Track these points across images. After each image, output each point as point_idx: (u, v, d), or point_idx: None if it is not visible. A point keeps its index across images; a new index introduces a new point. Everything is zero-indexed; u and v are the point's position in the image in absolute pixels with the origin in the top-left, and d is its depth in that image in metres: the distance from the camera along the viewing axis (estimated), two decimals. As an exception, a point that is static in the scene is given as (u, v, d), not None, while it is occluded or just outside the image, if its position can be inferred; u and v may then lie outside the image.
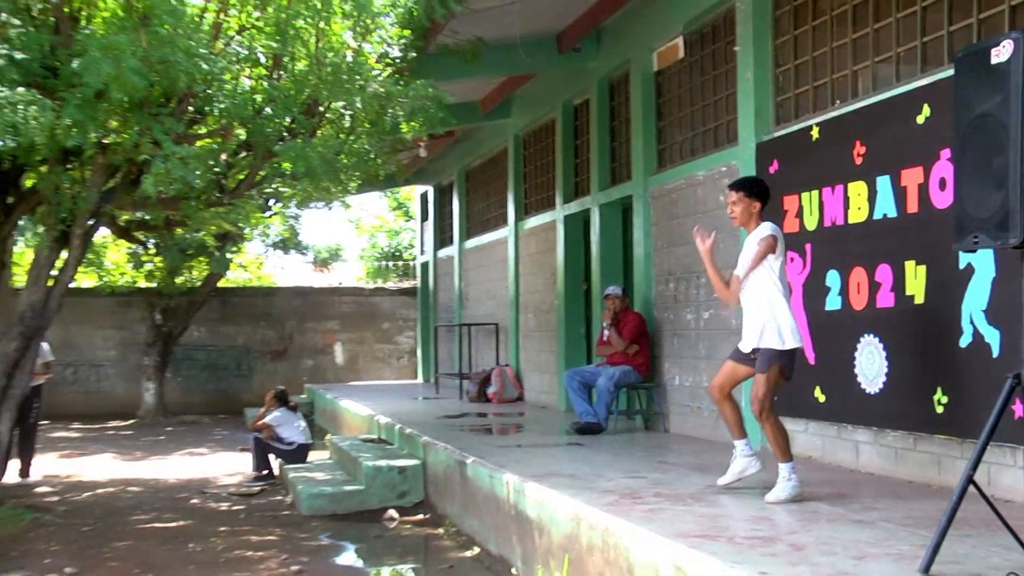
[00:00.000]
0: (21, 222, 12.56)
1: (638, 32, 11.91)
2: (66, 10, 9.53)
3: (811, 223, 8.74)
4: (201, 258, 21.64)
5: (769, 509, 6.78)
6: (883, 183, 7.82)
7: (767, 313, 7.04)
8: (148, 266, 22.55)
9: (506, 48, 12.81)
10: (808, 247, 8.77)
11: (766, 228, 7.16)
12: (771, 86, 9.63)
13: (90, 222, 11.31)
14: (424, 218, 24.88)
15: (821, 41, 8.99)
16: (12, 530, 10.31)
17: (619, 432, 11.40)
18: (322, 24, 10.25)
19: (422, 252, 25.24)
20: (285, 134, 10.43)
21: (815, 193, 8.67)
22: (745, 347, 7.26)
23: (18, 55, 8.82)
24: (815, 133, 8.69)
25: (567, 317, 14.48)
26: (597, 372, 11.51)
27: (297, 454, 13.71)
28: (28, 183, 11.48)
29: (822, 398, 8.63)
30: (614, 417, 11.60)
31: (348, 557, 9.50)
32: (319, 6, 10.05)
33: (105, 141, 10.07)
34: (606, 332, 11.62)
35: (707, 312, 10.46)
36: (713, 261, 7.42)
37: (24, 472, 13.72)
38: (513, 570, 8.14)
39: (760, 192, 7.37)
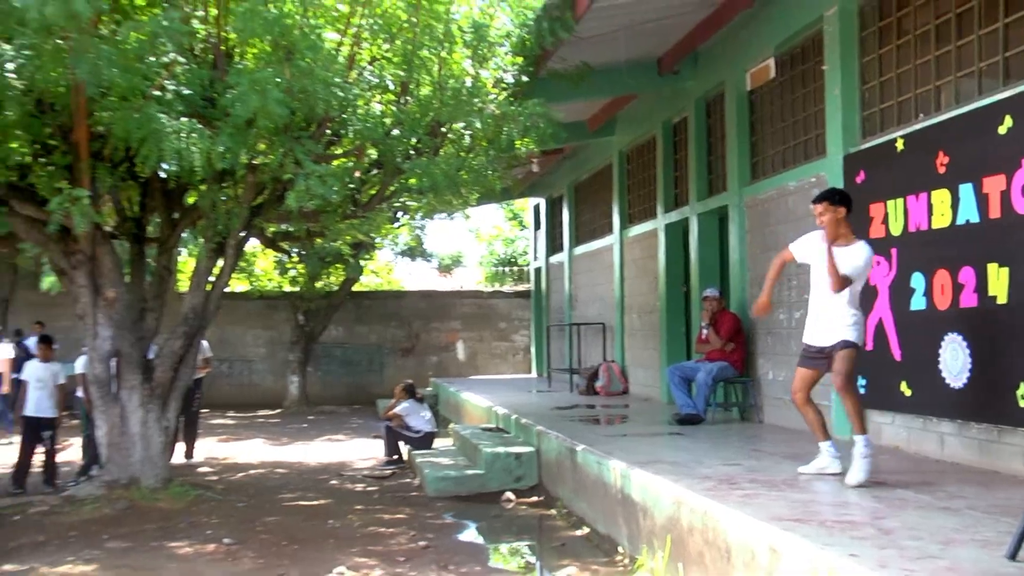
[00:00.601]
0: (184, 234, 12.86)
1: (732, 55, 11.86)
2: (223, 48, 9.81)
3: (896, 229, 8.61)
4: (338, 265, 21.83)
5: (858, 495, 6.69)
6: (966, 190, 7.67)
7: (847, 318, 7.11)
8: (292, 272, 22.87)
9: (610, 72, 12.81)
10: (894, 251, 8.62)
11: (866, 252, 7.23)
12: (858, 102, 9.50)
13: (242, 234, 11.56)
14: (537, 227, 24.84)
15: (905, 58, 8.86)
16: (179, 505, 10.52)
17: (716, 423, 11.30)
18: (444, 53, 10.36)
19: (535, 258, 25.19)
20: (412, 153, 10.51)
21: (900, 201, 8.54)
22: (814, 342, 7.27)
23: (183, 90, 9.13)
24: (900, 145, 8.56)
25: (668, 317, 14.41)
26: (696, 367, 11.46)
27: (424, 441, 13.80)
28: (190, 200, 11.79)
29: (908, 392, 8.46)
30: (712, 409, 11.51)
31: (470, 534, 9.51)
32: (442, 37, 10.19)
33: (254, 162, 10.33)
34: (704, 331, 11.58)
35: (798, 312, 10.36)
36: (779, 275, 7.51)
37: (189, 454, 14.13)
38: (620, 549, 8.11)
39: (842, 198, 7.35)
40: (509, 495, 10.90)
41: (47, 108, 9.69)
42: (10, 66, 8.60)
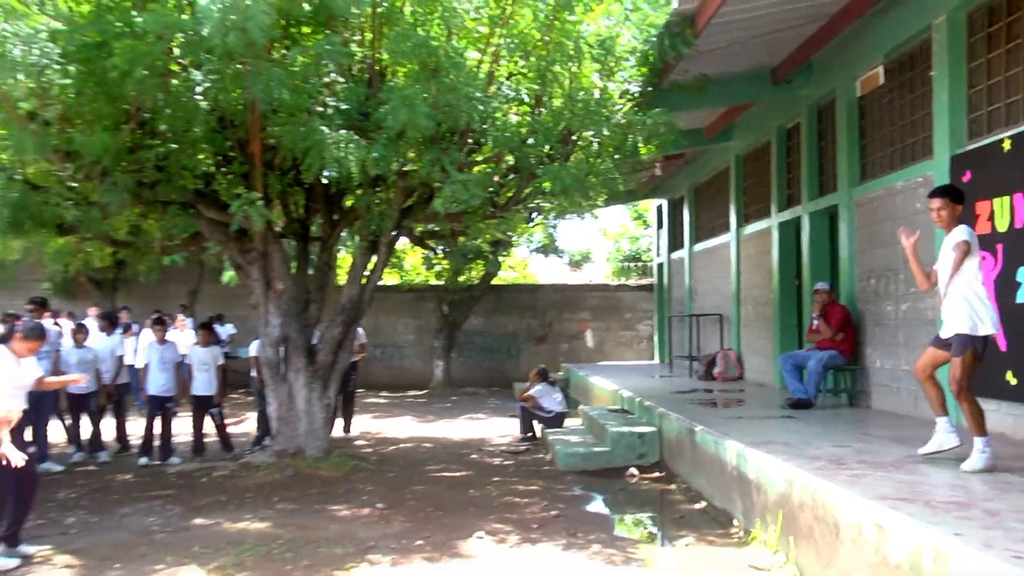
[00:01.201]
0: (343, 234, 13.15)
1: (843, 64, 11.65)
2: (377, 68, 10.00)
3: (1002, 225, 8.37)
4: (479, 261, 21.97)
5: (964, 478, 6.52)
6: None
7: (963, 305, 6.87)
8: (437, 268, 23.07)
9: (728, 82, 12.69)
10: (999, 247, 8.38)
11: (962, 232, 6.94)
12: (965, 105, 9.23)
13: (393, 233, 11.72)
14: (659, 226, 24.68)
15: (1013, 63, 8.58)
16: (338, 473, 10.81)
17: (826, 407, 11.12)
18: (574, 68, 10.35)
19: (658, 254, 25.01)
20: (545, 159, 10.50)
21: (1006, 199, 8.30)
22: (944, 334, 7.12)
23: (342, 106, 9.39)
24: (1007, 145, 8.32)
25: (781, 309, 14.24)
26: (808, 355, 11.31)
27: (555, 421, 13.85)
28: (348, 203, 12.07)
29: (1014, 381, 8.23)
30: (822, 394, 11.35)
31: (597, 505, 9.50)
32: (572, 54, 10.18)
33: (404, 169, 10.48)
34: (815, 321, 11.43)
35: (905, 304, 10.18)
36: (916, 255, 7.31)
37: (346, 429, 14.43)
38: (735, 522, 8.08)
39: (960, 196, 7.20)
40: (633, 470, 10.90)
41: (227, 124, 10.05)
42: (198, 89, 8.99)
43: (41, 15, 8.15)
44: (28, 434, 9.89)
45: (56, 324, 14.04)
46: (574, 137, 10.81)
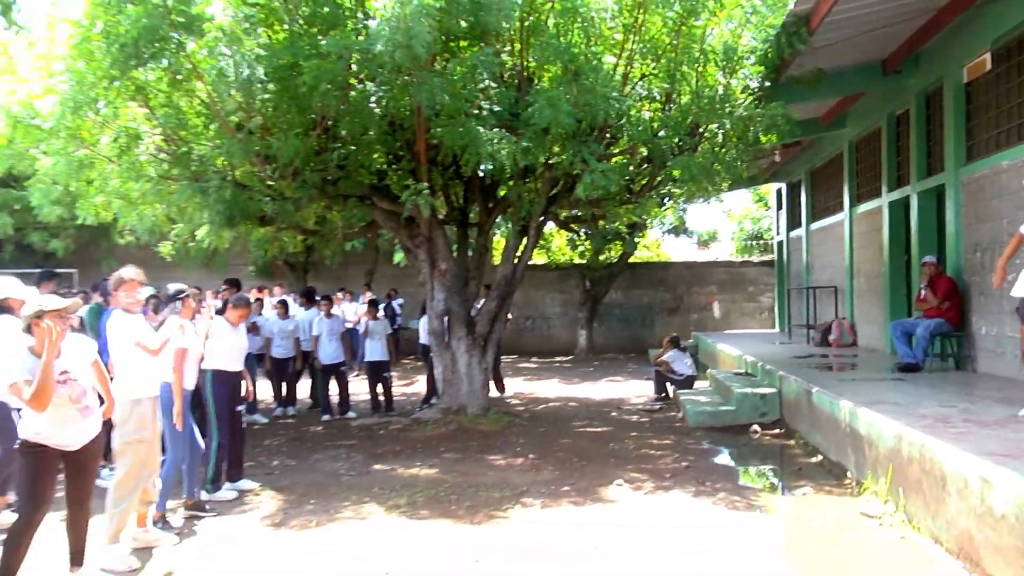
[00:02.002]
0: (497, 220, 13.32)
1: (951, 52, 11.20)
2: (524, 74, 10.10)
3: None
4: (617, 241, 21.84)
5: None
6: None
7: None
8: (580, 248, 23.11)
9: (841, 74, 12.33)
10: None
11: None
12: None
13: (541, 218, 11.82)
14: (779, 207, 24.12)
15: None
16: (495, 428, 11.04)
17: (934, 371, 10.76)
18: (700, 68, 10.24)
19: (778, 233, 24.46)
20: (675, 150, 10.44)
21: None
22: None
23: (495, 108, 9.54)
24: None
25: (891, 281, 13.81)
26: (916, 323, 10.98)
27: (686, 383, 13.79)
28: (501, 193, 12.23)
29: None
30: (930, 359, 10.96)
31: (723, 458, 9.45)
32: (698, 55, 10.10)
33: (550, 162, 10.58)
34: (923, 292, 11.08)
35: (1010, 275, 9.79)
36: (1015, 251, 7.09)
37: (500, 389, 14.64)
38: (848, 474, 7.96)
39: None
40: (755, 427, 10.82)
41: (397, 128, 10.33)
42: (373, 99, 9.29)
43: (248, 41, 8.56)
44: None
45: (260, 300, 14.68)
46: (701, 130, 10.67)
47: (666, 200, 13.28)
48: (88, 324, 9.52)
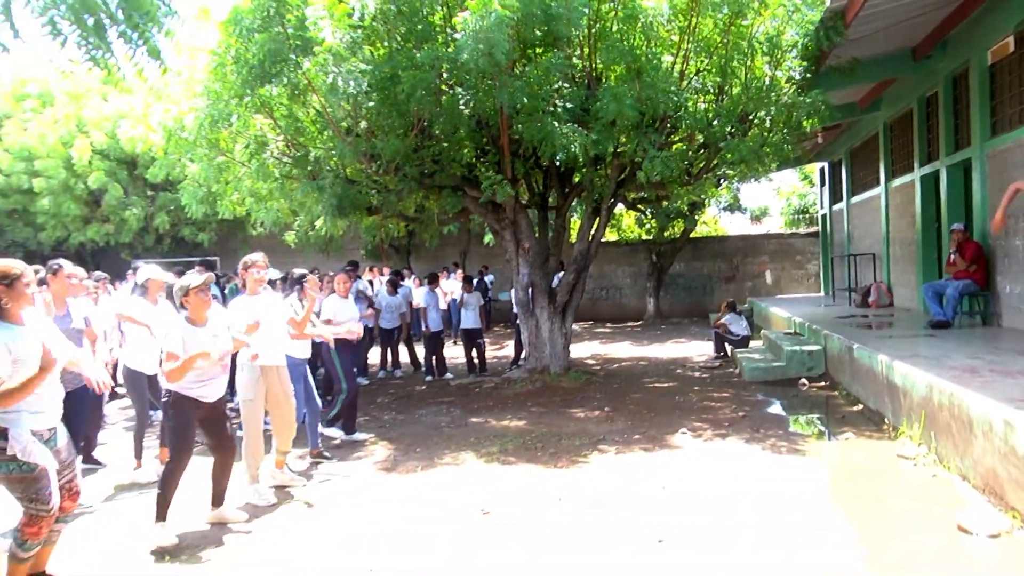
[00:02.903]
0: (573, 203, 13.27)
1: (976, 38, 10.70)
2: (592, 74, 10.02)
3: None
4: (679, 219, 21.71)
5: None
6: None
7: None
8: (647, 226, 23.01)
9: (875, 62, 11.92)
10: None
11: None
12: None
13: (611, 200, 11.73)
14: (822, 184, 23.53)
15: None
16: (575, 385, 11.05)
17: (962, 328, 10.39)
18: (748, 62, 10.07)
19: (822, 207, 23.88)
20: (727, 136, 10.34)
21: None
22: None
23: (568, 105, 9.48)
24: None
25: (923, 247, 13.35)
26: (946, 284, 10.60)
27: (742, 342, 13.61)
28: (575, 179, 12.14)
29: None
30: (959, 317, 10.61)
31: (776, 408, 9.33)
32: (746, 51, 9.91)
33: (617, 151, 10.51)
34: (952, 256, 10.69)
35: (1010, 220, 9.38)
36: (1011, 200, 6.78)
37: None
38: (886, 420, 7.81)
39: None
40: (803, 381, 10.65)
41: (483, 125, 10.35)
42: (461, 101, 9.32)
43: (354, 58, 8.66)
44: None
45: (371, 280, 14.93)
46: (750, 117, 10.45)
47: (721, 181, 13.07)
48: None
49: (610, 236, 23.20)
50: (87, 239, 22.03)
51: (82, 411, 6.54)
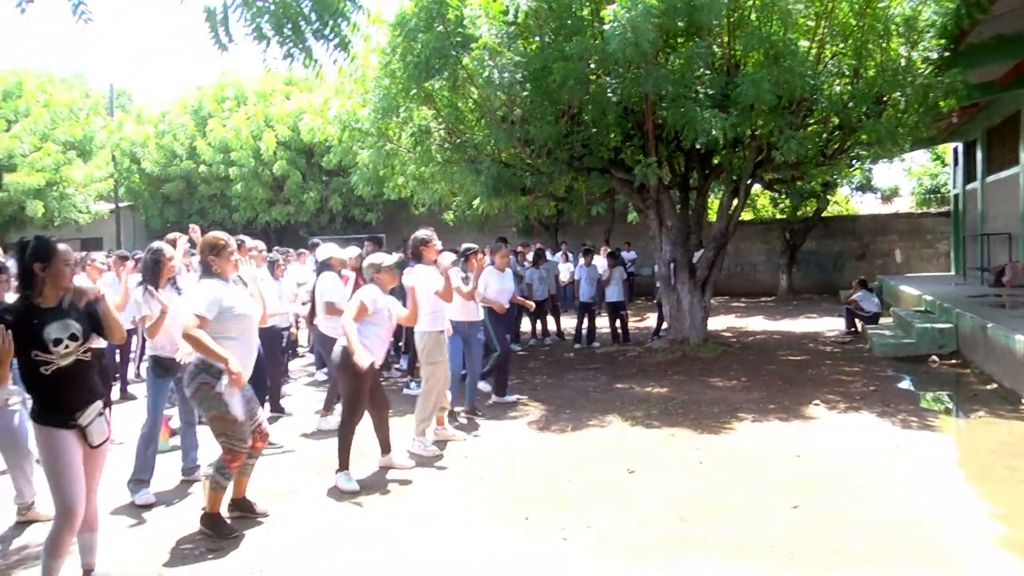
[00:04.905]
0: (712, 183, 13.00)
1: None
2: (732, 61, 9.75)
3: None
4: (812, 199, 20.95)
5: None
6: None
7: None
8: (780, 205, 22.33)
9: (1019, 38, 11.00)
10: None
11: None
12: None
13: (749, 181, 11.42)
14: (955, 163, 22.00)
15: None
16: (712, 355, 10.84)
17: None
18: (884, 44, 9.53)
19: (954, 187, 22.37)
20: (863, 117, 9.86)
21: None
22: None
23: (709, 91, 9.25)
24: None
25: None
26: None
27: (872, 319, 12.94)
28: (714, 161, 11.87)
29: None
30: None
31: (905, 384, 8.88)
32: (882, 33, 9.38)
33: (755, 133, 10.16)
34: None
35: None
36: None
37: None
38: (1022, 400, 7.34)
39: None
40: (934, 358, 10.06)
41: (629, 112, 10.23)
42: (609, 90, 9.26)
43: (508, 52, 8.74)
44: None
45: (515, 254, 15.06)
46: (885, 99, 9.90)
47: (854, 161, 12.46)
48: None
49: (745, 215, 22.45)
50: (271, 219, 23.43)
51: (263, 367, 6.95)
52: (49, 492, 3.69)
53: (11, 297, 4.86)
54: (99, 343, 4.73)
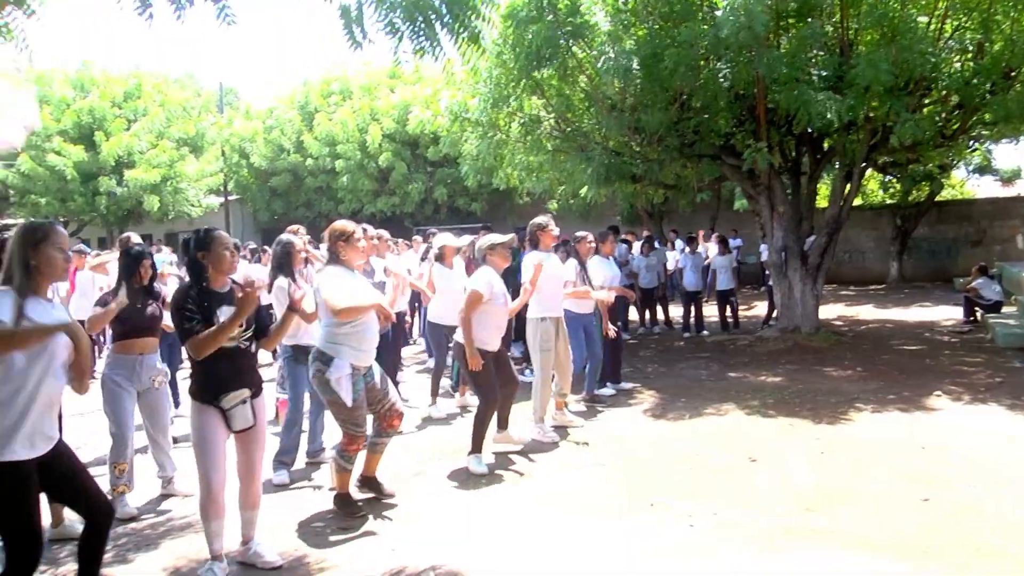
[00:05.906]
0: (824, 169, 12.62)
1: None
2: (846, 40, 9.41)
3: None
4: (924, 183, 20.03)
5: None
6: None
7: None
8: (891, 190, 21.41)
9: None
10: None
11: None
12: None
13: (862, 165, 11.05)
14: (1089, 144, 20.68)
15: None
16: (825, 345, 10.55)
17: None
18: (1014, 14, 8.95)
19: (1091, 168, 21.07)
20: (987, 95, 9.33)
21: None
22: None
23: (823, 73, 8.96)
24: None
25: None
26: None
27: (993, 307, 12.24)
28: (826, 144, 11.52)
29: None
30: None
31: (1037, 376, 8.43)
32: (1011, 2, 8.84)
33: (870, 115, 9.79)
34: None
35: None
36: None
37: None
38: None
39: None
40: (1067, 349, 9.46)
41: (740, 97, 10.04)
42: (720, 75, 9.08)
43: (625, 39, 8.70)
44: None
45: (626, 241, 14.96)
46: (1013, 73, 9.32)
47: (974, 142, 11.80)
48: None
49: (854, 201, 21.71)
50: (377, 210, 23.96)
51: (383, 353, 7.13)
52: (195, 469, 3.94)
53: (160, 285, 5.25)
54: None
